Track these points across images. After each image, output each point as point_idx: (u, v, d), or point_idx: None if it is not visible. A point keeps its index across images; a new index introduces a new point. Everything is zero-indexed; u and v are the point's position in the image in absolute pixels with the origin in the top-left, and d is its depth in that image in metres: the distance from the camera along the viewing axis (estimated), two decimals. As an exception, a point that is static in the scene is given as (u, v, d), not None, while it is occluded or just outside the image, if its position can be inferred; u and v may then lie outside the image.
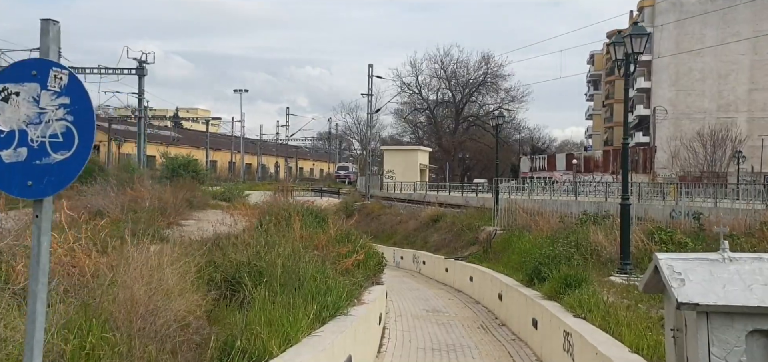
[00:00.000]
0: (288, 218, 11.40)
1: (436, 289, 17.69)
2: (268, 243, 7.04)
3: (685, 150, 52.49)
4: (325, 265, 8.00)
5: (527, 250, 13.21)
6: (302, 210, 12.71)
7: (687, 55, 68.12)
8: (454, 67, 73.48)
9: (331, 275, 7.74)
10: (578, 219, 14.67)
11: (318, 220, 12.43)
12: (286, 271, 6.12)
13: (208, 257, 6.32)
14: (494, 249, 17.00)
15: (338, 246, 10.02)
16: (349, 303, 7.12)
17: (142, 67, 46.40)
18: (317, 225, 11.39)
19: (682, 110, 67.20)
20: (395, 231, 30.30)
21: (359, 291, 8.67)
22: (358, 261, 9.87)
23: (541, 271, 10.68)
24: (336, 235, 11.15)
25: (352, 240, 11.56)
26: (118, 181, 21.17)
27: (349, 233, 12.05)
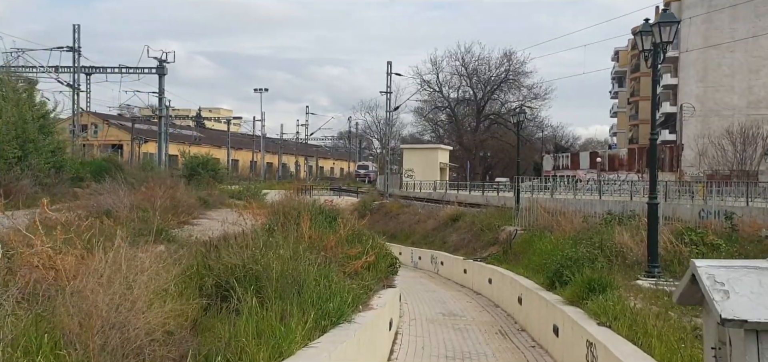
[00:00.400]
0: (297, 218, 11.00)
1: (453, 291, 17.14)
2: (266, 244, 6.59)
3: (713, 148, 51.03)
4: (331, 268, 7.54)
5: (548, 251, 12.60)
6: (314, 209, 12.28)
7: (715, 50, 66.41)
8: (476, 64, 72.67)
9: (337, 279, 7.28)
10: (602, 219, 14.00)
11: (329, 220, 12.00)
12: (282, 275, 5.67)
13: (203, 260, 5.90)
14: (514, 250, 16.40)
15: (347, 248, 9.56)
16: (354, 309, 6.64)
17: (163, 66, 46.54)
18: (328, 225, 10.95)
19: (710, 107, 65.50)
20: (413, 230, 29.78)
21: (368, 296, 8.19)
22: (369, 263, 9.40)
23: (563, 274, 10.09)
24: (347, 236, 10.70)
25: (363, 240, 11.09)
26: (135, 180, 21.01)
27: (360, 233, 11.59)
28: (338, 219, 11.13)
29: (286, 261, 6.09)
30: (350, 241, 10.51)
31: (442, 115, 77.07)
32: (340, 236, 10.33)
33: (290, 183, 63.35)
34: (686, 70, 70.64)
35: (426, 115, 76.25)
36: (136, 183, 20.01)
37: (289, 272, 5.84)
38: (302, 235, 9.82)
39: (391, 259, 12.04)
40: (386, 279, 10.43)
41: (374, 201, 42.91)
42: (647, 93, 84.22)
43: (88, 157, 35.04)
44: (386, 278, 10.47)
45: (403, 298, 14.80)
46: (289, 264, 6.06)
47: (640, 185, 36.32)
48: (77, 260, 3.93)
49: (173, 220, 14.04)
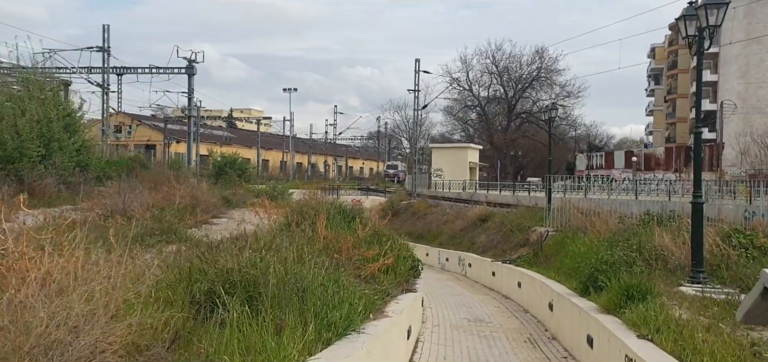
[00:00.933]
0: (314, 218, 10.47)
1: (481, 295, 16.40)
2: (268, 245, 6.04)
3: (756, 146, 48.92)
4: (343, 272, 6.96)
5: (582, 254, 11.79)
6: (332, 208, 11.74)
7: (758, 45, 64.03)
8: (506, 62, 71.38)
9: (348, 283, 6.69)
10: (640, 219, 13.10)
11: (348, 220, 11.43)
12: (282, 281, 5.09)
13: (199, 263, 5.38)
14: (545, 252, 15.58)
15: (365, 250, 8.96)
16: (366, 318, 6.04)
17: (192, 66, 46.75)
18: (346, 226, 10.38)
19: (752, 104, 63.07)
20: (441, 231, 29.04)
21: (384, 302, 7.58)
22: (387, 265, 8.78)
23: (598, 279, 9.31)
24: (366, 237, 10.11)
25: (383, 241, 10.49)
26: (159, 179, 20.81)
27: (381, 234, 10.99)
28: (357, 219, 10.53)
29: (288, 265, 5.52)
30: (369, 243, 9.92)
31: (472, 114, 75.99)
32: (358, 237, 9.76)
33: (318, 183, 63.37)
34: (727, 65, 68.19)
35: (455, 114, 75.27)
36: (156, 182, 19.82)
37: (289, 277, 5.27)
38: (317, 236, 9.29)
39: (413, 261, 11.41)
40: (406, 283, 9.80)
41: (402, 200, 42.26)
42: (685, 90, 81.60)
43: (123, 156, 35.38)
44: (406, 282, 9.84)
45: (428, 302, 14.15)
46: (291, 268, 5.49)
47: (678, 185, 34.85)
48: (35, 265, 3.45)
49: (191, 219, 13.69)
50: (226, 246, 6.12)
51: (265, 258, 5.39)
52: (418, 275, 11.62)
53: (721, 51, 68.86)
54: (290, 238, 9.42)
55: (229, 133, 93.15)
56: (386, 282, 8.46)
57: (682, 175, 46.21)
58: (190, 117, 48.69)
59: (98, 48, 37.37)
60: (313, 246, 8.59)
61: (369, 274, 8.33)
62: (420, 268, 12.06)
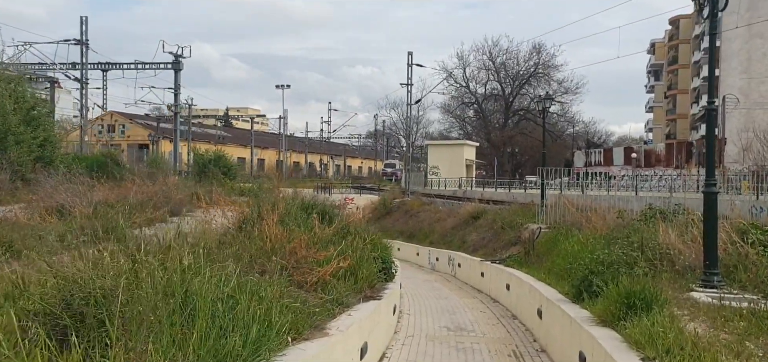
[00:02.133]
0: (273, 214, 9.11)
1: (468, 298, 15.01)
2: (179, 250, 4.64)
3: (758, 142, 47.61)
4: (271, 280, 5.58)
5: (575, 253, 10.42)
6: (294, 204, 10.38)
7: (761, 40, 62.80)
8: (504, 58, 70.07)
9: (277, 294, 5.31)
10: (642, 214, 11.71)
11: (316, 215, 10.06)
12: (149, 297, 3.69)
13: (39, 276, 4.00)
14: (537, 250, 14.20)
15: (316, 250, 7.57)
16: (286, 341, 4.66)
17: (178, 61, 45.36)
18: (304, 223, 9.00)
19: (754, 99, 61.85)
20: (433, 229, 27.66)
21: (331, 314, 6.21)
22: (341, 269, 7.39)
23: (593, 283, 7.94)
24: (327, 235, 8.72)
25: (349, 240, 9.11)
26: (133, 177, 19.47)
27: (349, 232, 9.61)
28: (314, 215, 9.14)
29: (180, 274, 4.13)
30: (329, 242, 8.54)
31: (470, 111, 74.63)
32: (316, 236, 8.37)
33: (313, 182, 62.01)
34: (728, 61, 66.86)
35: (453, 112, 73.90)
36: (129, 179, 18.49)
37: (173, 290, 3.87)
38: (264, 236, 7.91)
39: (385, 262, 10.03)
40: (372, 289, 8.42)
41: (395, 198, 40.88)
42: (685, 86, 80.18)
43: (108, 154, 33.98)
44: (372, 288, 8.45)
45: (408, 307, 12.78)
46: (182, 278, 4.09)
47: (680, 181, 33.49)
48: None
49: (140, 217, 12.32)
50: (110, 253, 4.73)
51: (140, 263, 4.00)
52: (392, 278, 10.24)
53: (723, 46, 67.50)
54: (235, 239, 8.09)
55: (224, 132, 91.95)
56: (341, 289, 7.08)
57: (684, 172, 44.91)
58: (176, 113, 47.29)
59: (76, 41, 35.93)
60: (251, 248, 7.22)
61: (317, 281, 6.94)
62: (394, 270, 10.69)
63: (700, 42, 73.07)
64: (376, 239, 11.32)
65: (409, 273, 21.86)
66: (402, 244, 29.83)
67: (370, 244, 9.75)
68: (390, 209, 38.04)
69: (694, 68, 76.54)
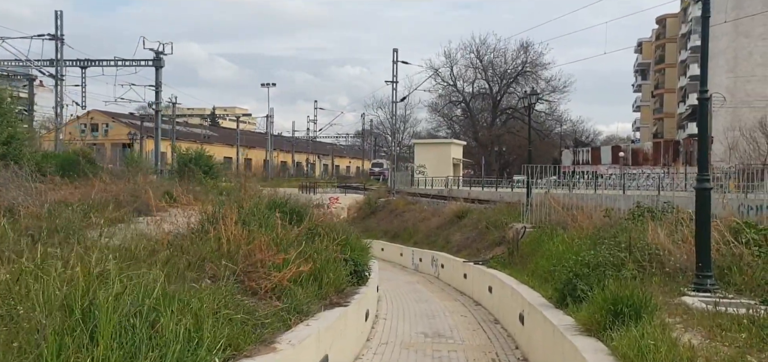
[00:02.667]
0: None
1: (449, 301, 14.40)
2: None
3: (745, 141, 47.52)
4: (206, 290, 4.92)
5: (560, 254, 9.84)
6: (259, 203, 9.73)
7: (746, 39, 62.85)
8: (491, 57, 69.62)
9: (220, 305, 4.66)
10: (630, 213, 11.16)
11: (287, 215, 9.40)
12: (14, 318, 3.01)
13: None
14: (522, 251, 13.61)
15: (275, 253, 6.90)
16: (230, 357, 4.01)
17: (159, 58, 44.40)
18: (265, 222, 8.33)
19: (741, 98, 61.88)
20: (417, 229, 27.06)
21: (285, 326, 5.56)
22: (301, 274, 6.73)
23: (577, 287, 7.36)
24: (292, 236, 8.06)
25: (317, 242, 8.46)
26: (105, 175, 18.67)
27: (315, 231, 8.96)
28: (276, 215, 8.47)
29: (53, 288, 3.45)
30: (299, 244, 7.88)
31: (458, 110, 74.14)
32: (278, 236, 7.70)
33: (298, 181, 61.14)
34: (715, 59, 66.86)
35: (440, 111, 73.35)
36: (101, 178, 17.70)
37: (41, 310, 3.20)
38: (220, 237, 7.24)
39: (357, 265, 9.38)
40: (339, 294, 7.77)
41: (380, 198, 40.25)
42: (672, 85, 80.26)
43: (99, 154, 33.02)
44: (339, 293, 7.81)
45: (385, 311, 12.15)
46: (68, 294, 3.41)
47: (667, 180, 33.14)
48: None
49: (99, 218, 11.58)
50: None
51: (27, 273, 3.32)
52: (364, 281, 9.60)
53: (709, 44, 67.51)
54: (191, 242, 7.42)
55: (210, 131, 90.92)
56: (301, 296, 6.42)
57: (671, 170, 44.72)
58: (157, 111, 46.32)
59: (50, 36, 34.90)
60: (204, 250, 6.56)
61: (274, 287, 6.28)
62: (367, 273, 10.05)
63: (686, 41, 73.11)
64: (349, 239, 10.69)
65: (391, 275, 21.24)
66: (386, 244, 29.21)
67: (341, 245, 9.12)
68: (375, 209, 37.42)
69: (680, 67, 76.63)
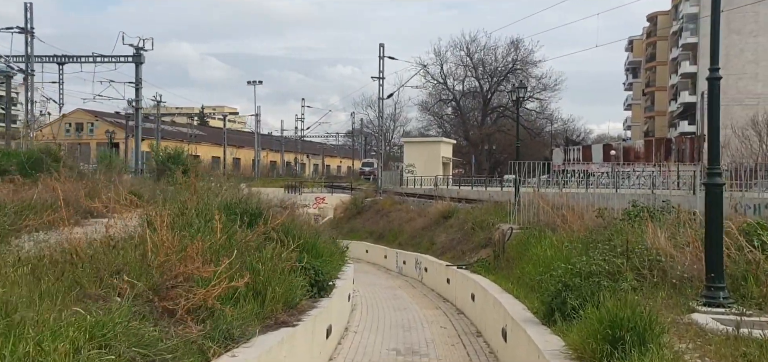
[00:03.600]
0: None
1: (430, 309, 13.29)
2: None
3: (737, 139, 46.77)
4: (99, 315, 3.79)
5: (547, 259, 8.77)
6: (201, 204, 8.59)
7: (738, 36, 62.24)
8: (481, 54, 68.65)
9: (110, 333, 3.54)
10: (625, 213, 10.09)
11: (245, 217, 8.30)
12: None
13: None
14: (508, 254, 12.53)
15: (202, 265, 5.74)
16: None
17: (139, 54, 43.05)
18: (204, 225, 7.19)
19: (732, 96, 61.18)
20: (402, 230, 25.94)
21: (196, 359, 4.43)
22: (233, 288, 5.57)
23: (567, 301, 6.28)
24: (231, 244, 6.92)
25: (269, 247, 7.33)
26: (71, 174, 17.45)
27: (268, 235, 7.82)
28: (217, 218, 7.31)
29: None
30: (243, 251, 6.75)
31: (448, 108, 73.09)
32: (216, 242, 6.55)
33: (284, 181, 59.89)
34: (705, 57, 66.09)
35: (431, 109, 72.29)
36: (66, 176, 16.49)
37: None
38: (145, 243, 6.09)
39: (318, 275, 8.24)
40: (289, 311, 6.63)
41: (366, 197, 39.09)
42: (663, 83, 79.58)
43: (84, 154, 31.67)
44: (290, 310, 6.67)
45: (359, 322, 11.03)
46: None
47: (660, 178, 32.25)
48: None
49: (34, 221, 10.43)
50: None
51: None
52: (328, 292, 8.47)
53: (701, 41, 66.94)
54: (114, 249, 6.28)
55: (199, 130, 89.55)
56: (234, 317, 5.28)
57: (663, 169, 43.88)
58: (137, 109, 44.98)
59: (19, 29, 33.46)
60: (123, 260, 5.42)
61: (200, 306, 5.14)
62: (332, 283, 8.92)
63: (677, 38, 72.47)
64: (315, 244, 9.58)
65: (373, 278, 20.13)
66: (370, 246, 28.08)
67: (301, 250, 7.99)
68: (361, 209, 36.27)
69: (672, 65, 76.04)
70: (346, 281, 10.74)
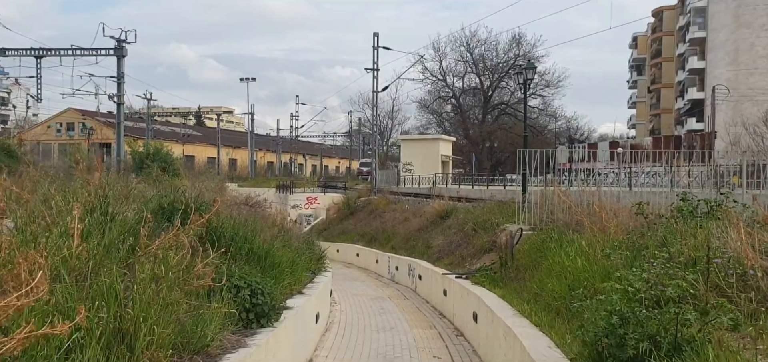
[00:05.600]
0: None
1: (422, 328, 10.88)
2: None
3: (748, 135, 44.38)
4: None
5: (576, 271, 6.39)
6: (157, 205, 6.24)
7: (748, 30, 59.94)
8: (482, 50, 66.15)
9: None
10: (675, 209, 7.66)
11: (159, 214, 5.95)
12: None
13: None
14: (518, 260, 10.15)
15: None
16: None
17: (121, 46, 40.69)
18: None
19: (742, 92, 58.87)
20: (396, 232, 23.54)
21: None
22: (76, 328, 3.20)
23: (626, 340, 3.90)
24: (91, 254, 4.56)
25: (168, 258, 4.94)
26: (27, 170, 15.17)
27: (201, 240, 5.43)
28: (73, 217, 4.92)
29: None
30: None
31: (448, 105, 70.62)
32: (74, 252, 4.15)
33: (275, 181, 57.57)
34: (715, 52, 64.02)
35: (430, 107, 69.78)
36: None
37: None
38: None
39: (256, 297, 5.87)
40: (196, 357, 4.22)
41: (360, 197, 36.73)
42: (669, 80, 77.11)
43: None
44: (192, 357, 4.26)
45: (327, 352, 8.64)
46: None
47: (670, 177, 29.97)
48: None
49: None
50: None
51: None
52: (273, 318, 6.09)
53: (709, 36, 64.65)
54: None
55: (195, 131, 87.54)
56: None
57: (671, 169, 41.60)
58: (119, 104, 42.57)
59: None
60: None
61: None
62: (283, 304, 6.54)
63: (684, 33, 70.11)
64: (270, 250, 7.21)
65: (360, 287, 17.74)
66: (361, 249, 25.69)
67: (227, 261, 5.61)
68: (354, 209, 33.91)
69: (678, 61, 73.71)
70: (313, 297, 8.36)
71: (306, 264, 10.11)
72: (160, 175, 29.22)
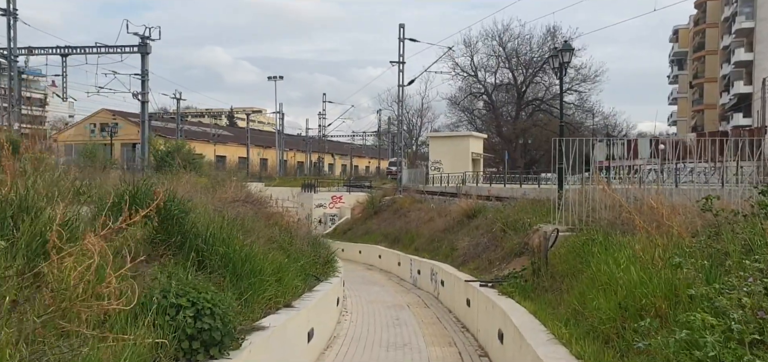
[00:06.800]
0: None
1: (441, 346, 9.35)
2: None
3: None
4: None
5: (631, 285, 4.84)
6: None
7: (798, 18, 56.47)
8: (515, 44, 63.88)
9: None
10: (758, 205, 6.01)
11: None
12: None
13: None
14: (553, 266, 8.56)
15: None
16: None
17: (145, 44, 40.18)
18: None
19: (788, 83, 55.33)
20: (419, 232, 22.03)
21: None
22: None
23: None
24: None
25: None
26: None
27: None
28: None
29: None
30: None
31: (479, 102, 68.52)
32: None
33: (301, 180, 56.65)
34: (764, 42, 60.57)
35: (460, 104, 67.80)
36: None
37: None
38: None
39: (198, 322, 4.46)
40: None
41: (385, 196, 35.32)
42: (713, 74, 73.44)
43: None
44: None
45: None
46: None
47: (716, 174, 27.84)
48: None
49: None
50: None
51: None
52: (229, 347, 4.68)
53: (757, 27, 61.22)
54: None
55: (226, 131, 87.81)
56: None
57: (719, 165, 39.09)
58: (143, 102, 42.06)
59: (2, 11, 30.68)
60: None
61: None
62: (217, 334, 5.10)
63: (730, 24, 66.58)
64: (250, 254, 5.84)
65: (378, 293, 16.29)
66: (384, 251, 24.25)
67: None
68: (378, 208, 32.53)
69: (723, 53, 70.15)
70: (304, 311, 6.95)
71: (305, 269, 8.74)
72: (178, 172, 28.26)
